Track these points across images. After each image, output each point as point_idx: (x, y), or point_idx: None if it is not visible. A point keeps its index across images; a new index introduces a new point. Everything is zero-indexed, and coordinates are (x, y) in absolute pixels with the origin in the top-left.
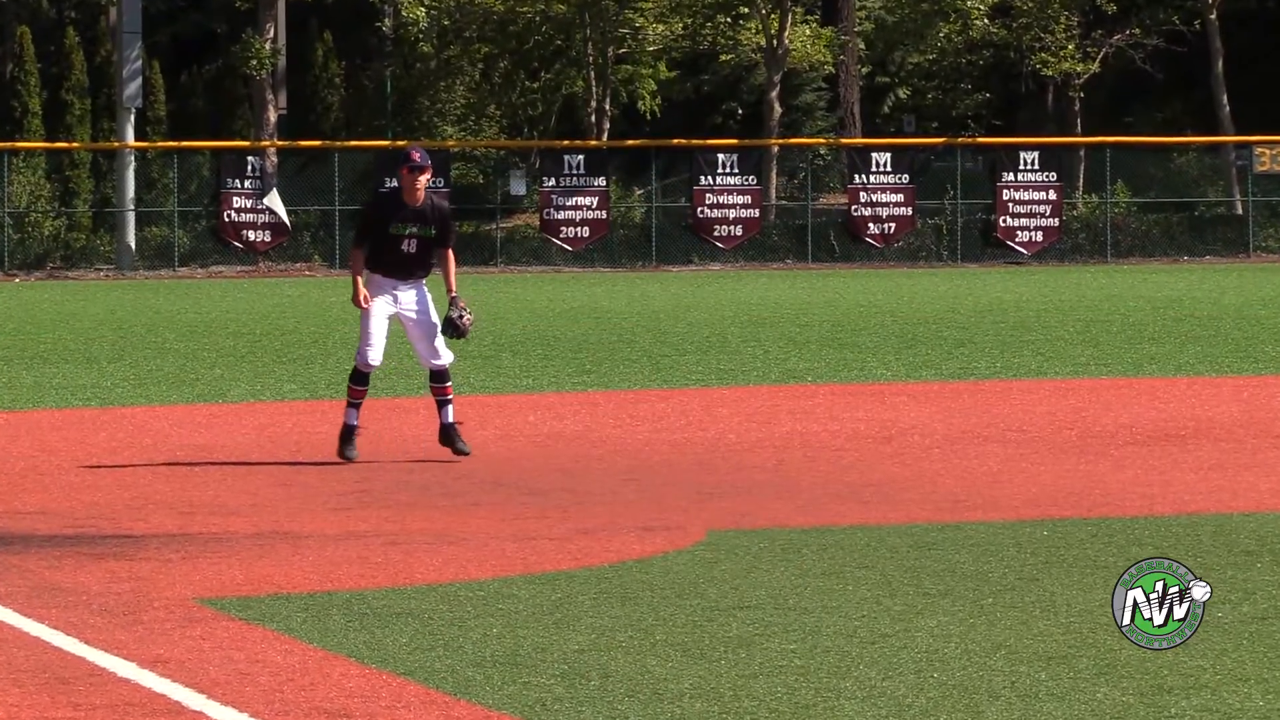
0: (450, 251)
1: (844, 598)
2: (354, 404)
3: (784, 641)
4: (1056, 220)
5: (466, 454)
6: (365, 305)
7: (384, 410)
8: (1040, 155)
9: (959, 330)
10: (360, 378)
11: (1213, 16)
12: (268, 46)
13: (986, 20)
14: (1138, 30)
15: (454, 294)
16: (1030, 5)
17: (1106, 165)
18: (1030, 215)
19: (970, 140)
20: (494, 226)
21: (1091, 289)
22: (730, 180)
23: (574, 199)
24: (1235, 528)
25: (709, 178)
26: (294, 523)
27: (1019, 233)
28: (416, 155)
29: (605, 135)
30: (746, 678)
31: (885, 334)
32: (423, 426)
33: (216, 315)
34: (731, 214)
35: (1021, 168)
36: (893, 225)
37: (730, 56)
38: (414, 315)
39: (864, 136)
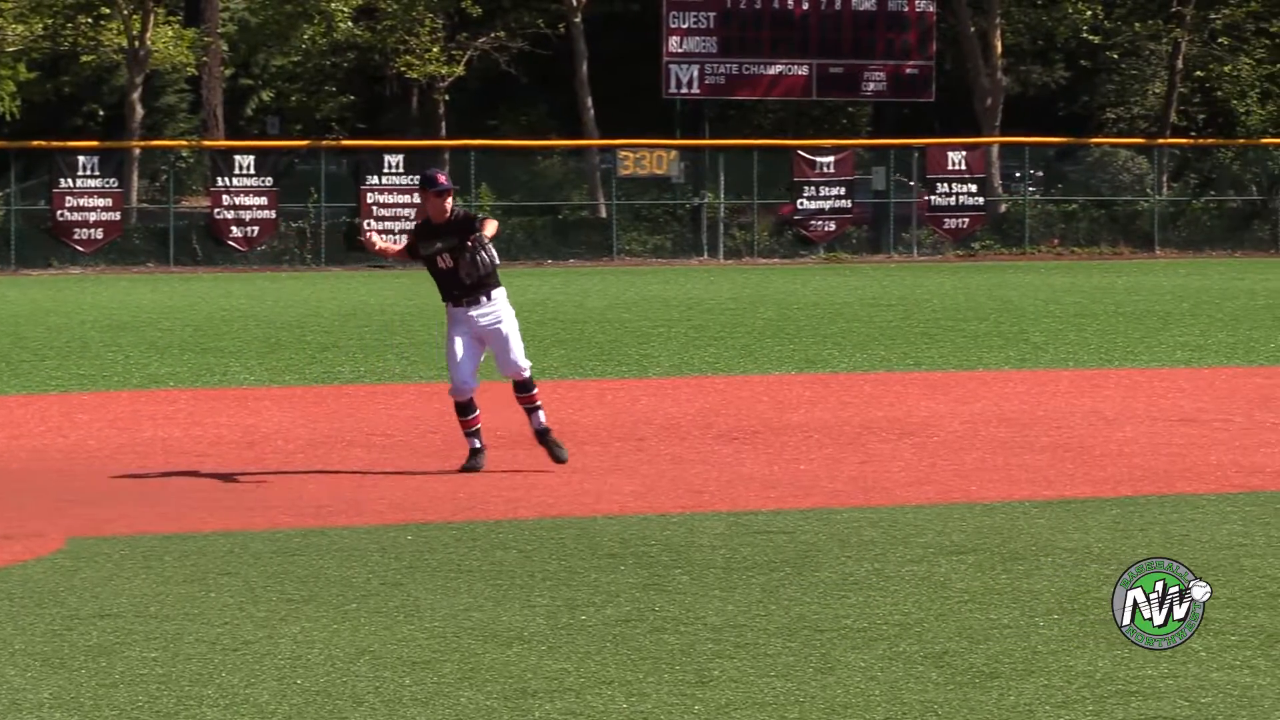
0: (485, 227)
1: (206, 605)
2: (470, 432)
3: (145, 649)
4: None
5: (563, 461)
6: (374, 244)
7: None
8: (405, 158)
9: (323, 334)
10: (461, 408)
11: (577, 19)
12: None
13: (350, 23)
14: (502, 33)
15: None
16: (395, 8)
17: (471, 168)
18: (395, 219)
19: (334, 143)
20: None
21: None
22: (91, 183)
23: None
24: (599, 530)
25: (69, 180)
26: None
27: (383, 235)
28: (442, 179)
29: None
30: (107, 686)
31: (248, 338)
32: None
33: None
34: (92, 217)
35: (386, 170)
36: (256, 228)
37: (91, 58)
38: (489, 327)
39: (227, 139)
